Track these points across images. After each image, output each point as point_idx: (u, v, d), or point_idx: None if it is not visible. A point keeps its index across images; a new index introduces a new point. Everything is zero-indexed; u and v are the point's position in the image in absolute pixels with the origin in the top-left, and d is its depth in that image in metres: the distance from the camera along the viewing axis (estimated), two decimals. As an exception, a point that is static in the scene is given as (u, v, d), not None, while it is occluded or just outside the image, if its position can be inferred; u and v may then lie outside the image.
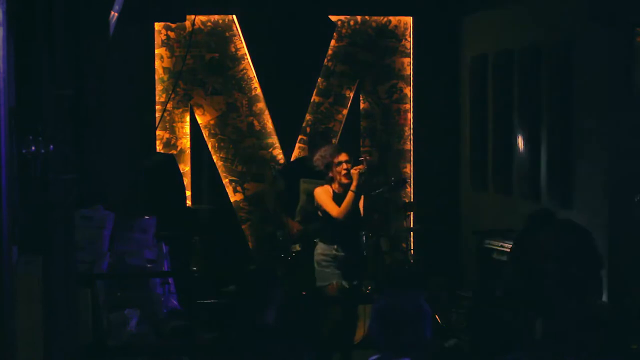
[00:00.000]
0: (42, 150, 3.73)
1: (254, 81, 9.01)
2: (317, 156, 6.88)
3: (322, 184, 6.89)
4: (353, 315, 7.03)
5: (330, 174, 6.79)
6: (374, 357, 3.61)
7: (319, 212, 6.89)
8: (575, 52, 7.19)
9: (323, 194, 6.80)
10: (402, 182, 8.68)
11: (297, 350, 4.40)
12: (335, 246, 6.81)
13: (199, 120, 8.97)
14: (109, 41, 4.97)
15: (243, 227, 9.06)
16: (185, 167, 8.91)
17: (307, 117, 9.12)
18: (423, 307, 3.63)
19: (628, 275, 6.53)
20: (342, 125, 9.17)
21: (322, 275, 6.83)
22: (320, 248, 6.88)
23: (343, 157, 6.78)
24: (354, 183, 6.67)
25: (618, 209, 6.78)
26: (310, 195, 7.11)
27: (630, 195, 6.68)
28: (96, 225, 6.66)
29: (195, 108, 8.97)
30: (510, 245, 6.12)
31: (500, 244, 7.46)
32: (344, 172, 6.73)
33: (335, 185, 6.80)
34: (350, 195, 6.68)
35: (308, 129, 9.09)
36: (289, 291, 6.80)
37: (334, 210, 6.72)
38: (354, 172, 6.70)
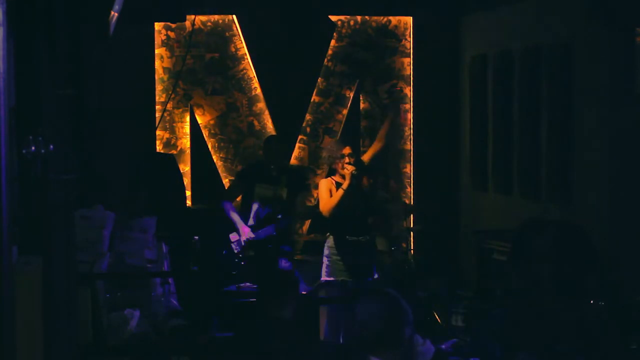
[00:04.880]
0: (42, 150, 3.72)
1: (254, 81, 9.01)
2: (325, 154, 7.10)
3: (272, 190, 7.26)
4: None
5: (333, 166, 6.96)
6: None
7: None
8: (575, 52, 7.19)
9: (323, 186, 7.00)
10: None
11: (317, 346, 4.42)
12: (346, 237, 6.91)
13: (199, 120, 8.97)
14: (109, 41, 4.97)
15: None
16: (185, 167, 8.90)
17: (307, 117, 9.12)
18: (398, 305, 3.41)
19: (628, 275, 6.53)
20: (342, 126, 9.17)
21: (330, 270, 6.87)
22: (332, 240, 6.95)
23: (347, 150, 6.96)
24: (346, 182, 6.82)
25: (618, 207, 6.78)
26: (264, 201, 7.35)
27: (630, 194, 6.69)
28: (96, 225, 6.66)
29: (195, 108, 8.96)
30: (510, 245, 6.11)
31: (501, 244, 7.46)
32: (346, 165, 6.88)
33: (337, 177, 6.94)
34: (339, 193, 6.83)
35: (308, 129, 9.09)
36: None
37: (321, 203, 6.88)
38: (347, 172, 6.83)
